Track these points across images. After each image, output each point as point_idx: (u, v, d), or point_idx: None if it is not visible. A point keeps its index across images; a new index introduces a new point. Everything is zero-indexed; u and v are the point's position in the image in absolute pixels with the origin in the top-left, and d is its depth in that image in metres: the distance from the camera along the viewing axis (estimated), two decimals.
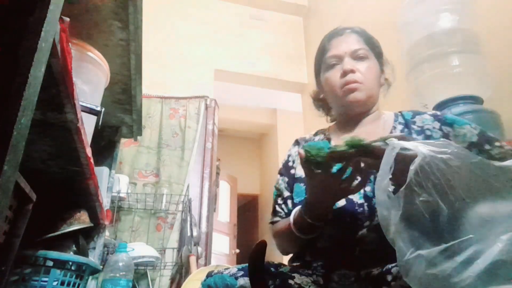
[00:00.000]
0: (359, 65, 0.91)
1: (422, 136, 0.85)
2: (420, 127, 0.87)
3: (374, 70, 0.93)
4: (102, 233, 1.42)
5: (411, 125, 0.88)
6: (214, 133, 3.02)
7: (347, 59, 0.92)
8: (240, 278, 0.75)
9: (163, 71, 3.09)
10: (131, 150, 2.69)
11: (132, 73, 1.25)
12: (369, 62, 0.93)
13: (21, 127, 0.41)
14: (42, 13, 0.45)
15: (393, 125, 0.90)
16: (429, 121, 0.87)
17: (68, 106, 0.67)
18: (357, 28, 0.98)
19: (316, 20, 3.60)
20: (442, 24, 1.51)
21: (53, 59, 0.55)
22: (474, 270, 0.45)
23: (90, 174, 0.96)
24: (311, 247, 0.85)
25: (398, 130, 0.88)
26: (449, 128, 0.84)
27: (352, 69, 0.90)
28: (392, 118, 0.93)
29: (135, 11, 1.02)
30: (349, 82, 0.89)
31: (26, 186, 0.63)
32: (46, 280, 0.94)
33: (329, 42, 0.98)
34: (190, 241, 2.35)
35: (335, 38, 0.97)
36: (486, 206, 0.50)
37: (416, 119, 0.89)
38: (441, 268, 0.47)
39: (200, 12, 3.51)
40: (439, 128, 0.85)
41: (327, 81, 0.96)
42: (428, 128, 0.86)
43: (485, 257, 0.45)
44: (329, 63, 0.95)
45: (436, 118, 0.87)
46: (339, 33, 0.97)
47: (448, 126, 0.84)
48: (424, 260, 0.48)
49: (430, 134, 0.84)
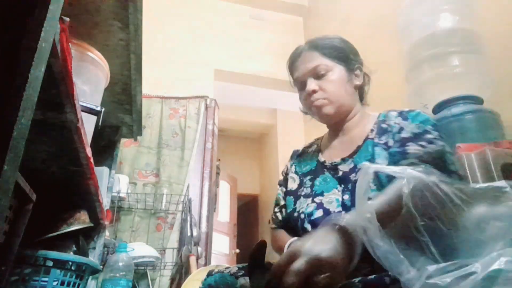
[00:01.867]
0: (322, 81, 0.94)
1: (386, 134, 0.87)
2: (387, 125, 0.89)
3: (338, 81, 0.95)
4: (102, 233, 1.42)
5: (381, 125, 0.91)
6: (214, 133, 3.02)
7: (309, 80, 0.95)
8: (241, 278, 0.75)
9: (163, 71, 3.09)
10: (131, 150, 2.69)
11: (132, 73, 1.25)
12: (332, 75, 0.94)
13: (21, 127, 0.41)
14: (42, 13, 0.45)
15: (372, 128, 0.93)
16: (394, 117, 0.90)
17: (68, 106, 0.67)
18: (315, 41, 1.00)
19: (316, 20, 3.60)
20: (442, 24, 1.51)
21: (53, 59, 0.55)
22: (472, 279, 0.45)
23: (90, 174, 0.96)
24: None
25: (374, 133, 0.90)
26: (405, 122, 0.86)
27: (313, 89, 0.93)
28: (373, 121, 0.94)
29: (135, 11, 1.02)
30: (314, 102, 0.94)
31: (26, 186, 0.63)
32: (46, 280, 0.94)
33: (292, 65, 1.02)
34: (190, 241, 2.35)
35: (295, 61, 1.01)
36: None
37: (386, 118, 0.92)
38: (440, 279, 0.47)
39: (200, 12, 3.51)
40: (398, 122, 0.87)
41: (300, 102, 1.02)
42: (390, 124, 0.88)
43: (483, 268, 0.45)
44: (297, 86, 1.01)
45: (400, 114, 0.90)
46: (298, 54, 1.00)
47: (405, 120, 0.87)
48: (428, 272, 0.49)
49: (390, 130, 0.87)
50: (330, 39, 1.00)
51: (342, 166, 0.91)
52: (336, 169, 0.91)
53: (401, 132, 0.84)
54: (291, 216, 0.93)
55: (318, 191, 0.90)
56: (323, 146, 1.03)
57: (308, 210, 0.87)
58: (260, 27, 3.67)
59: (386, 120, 0.91)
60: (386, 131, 0.88)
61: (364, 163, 0.70)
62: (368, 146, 0.89)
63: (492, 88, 1.43)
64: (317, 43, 0.99)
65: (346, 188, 0.86)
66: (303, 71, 0.96)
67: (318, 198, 0.88)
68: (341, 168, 0.90)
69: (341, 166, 0.91)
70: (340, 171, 0.90)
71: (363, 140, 0.91)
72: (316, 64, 0.95)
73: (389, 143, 0.85)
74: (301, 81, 0.98)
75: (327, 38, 1.00)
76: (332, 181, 0.90)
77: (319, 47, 0.97)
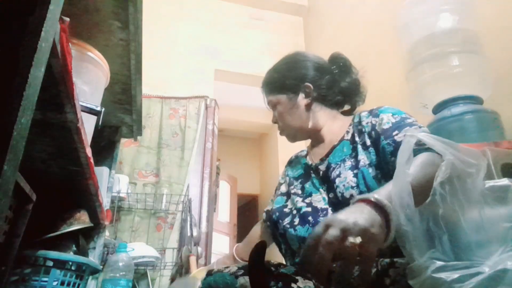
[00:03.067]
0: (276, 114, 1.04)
1: (362, 135, 0.89)
2: (362, 125, 0.91)
3: (284, 112, 1.02)
4: (102, 233, 1.42)
5: (357, 126, 0.93)
6: (214, 133, 3.02)
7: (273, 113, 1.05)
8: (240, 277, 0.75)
9: (163, 71, 3.08)
10: (131, 150, 2.69)
11: (132, 73, 1.25)
12: (279, 107, 1.02)
13: (21, 127, 0.41)
14: (42, 13, 0.45)
15: (347, 129, 0.96)
16: (365, 117, 0.92)
17: (68, 106, 0.67)
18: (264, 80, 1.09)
19: (316, 20, 3.60)
20: (442, 24, 1.51)
21: (53, 59, 0.55)
22: (478, 278, 0.45)
23: (90, 174, 0.96)
24: (284, 252, 0.92)
25: (350, 135, 0.93)
26: (376, 118, 0.87)
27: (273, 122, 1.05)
28: (348, 123, 0.97)
29: (135, 11, 1.02)
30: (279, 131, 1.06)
31: (26, 186, 0.63)
32: (46, 280, 0.93)
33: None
34: (190, 241, 2.34)
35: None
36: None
37: (360, 118, 0.94)
38: (446, 275, 0.47)
39: (200, 12, 3.51)
40: (370, 120, 0.89)
41: None
42: (363, 124, 0.90)
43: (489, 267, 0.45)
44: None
45: (371, 112, 0.92)
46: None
47: (375, 117, 0.88)
48: (434, 266, 0.48)
49: (365, 130, 0.89)
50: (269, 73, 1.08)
51: (321, 166, 0.95)
52: (318, 169, 0.96)
53: (376, 128, 0.86)
54: (278, 209, 0.97)
55: (307, 193, 0.94)
56: (309, 151, 1.08)
57: (298, 205, 0.91)
58: (260, 27, 3.67)
59: (360, 121, 0.93)
60: (362, 132, 0.90)
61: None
62: (343, 146, 0.92)
63: (492, 88, 1.43)
64: (263, 81, 1.09)
65: (329, 186, 0.89)
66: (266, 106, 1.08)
67: (308, 198, 0.92)
68: (321, 168, 0.95)
69: (321, 166, 0.95)
70: (320, 171, 0.94)
71: (339, 141, 0.95)
72: (267, 101, 1.07)
73: (366, 142, 0.87)
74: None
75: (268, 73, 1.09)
76: (317, 182, 0.94)
77: (263, 86, 1.08)
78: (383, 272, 0.69)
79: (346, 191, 0.81)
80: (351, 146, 0.90)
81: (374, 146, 0.85)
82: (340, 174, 0.86)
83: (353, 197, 0.77)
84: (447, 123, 1.33)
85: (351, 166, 0.85)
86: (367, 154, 0.85)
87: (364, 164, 0.83)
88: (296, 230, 0.86)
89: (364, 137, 0.88)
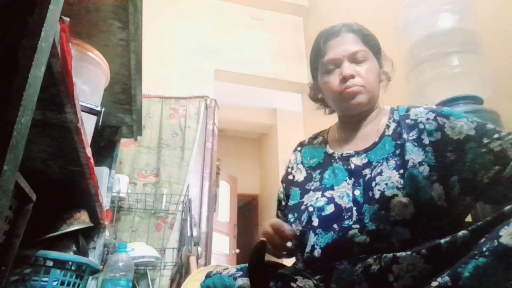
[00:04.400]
0: (359, 68, 0.89)
1: (416, 130, 0.82)
2: (413, 120, 0.84)
3: (374, 71, 0.90)
4: (102, 233, 1.42)
5: (404, 120, 0.86)
6: (214, 133, 3.02)
7: (346, 63, 0.89)
8: (239, 279, 0.75)
9: (163, 71, 3.08)
10: (131, 150, 2.69)
11: (132, 73, 1.25)
12: (368, 63, 0.90)
13: (21, 127, 0.41)
14: (42, 13, 0.45)
15: (387, 123, 0.89)
16: (423, 113, 0.84)
17: (68, 106, 0.67)
18: (355, 26, 0.94)
19: (316, 20, 3.60)
20: (442, 24, 1.51)
21: (53, 59, 0.55)
22: None
23: (90, 174, 0.96)
24: (305, 257, 0.82)
25: (391, 129, 0.87)
26: (444, 120, 0.80)
27: (352, 74, 0.87)
28: (387, 116, 0.91)
29: (135, 11, 1.02)
30: (350, 87, 0.87)
31: (26, 186, 0.63)
32: (46, 280, 0.94)
33: (325, 44, 0.93)
34: (190, 241, 2.34)
35: (331, 40, 0.93)
36: None
37: (410, 113, 0.87)
38: None
39: (200, 12, 3.51)
40: (434, 119, 0.81)
41: (326, 86, 0.93)
42: (421, 120, 0.83)
43: None
44: (327, 67, 0.92)
45: (431, 110, 0.84)
46: (335, 34, 0.93)
47: (444, 118, 0.81)
48: None
49: (424, 127, 0.81)
50: (365, 28, 0.95)
51: (355, 159, 0.86)
52: (348, 160, 0.87)
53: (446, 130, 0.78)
54: (295, 208, 0.89)
55: (328, 185, 0.86)
56: (331, 138, 0.99)
57: (319, 204, 0.82)
58: (260, 27, 3.67)
59: (409, 115, 0.86)
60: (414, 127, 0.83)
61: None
62: (385, 143, 0.85)
63: (492, 88, 1.43)
64: (358, 27, 0.94)
65: (357, 182, 0.82)
66: (341, 52, 0.89)
67: (328, 192, 0.84)
68: (354, 160, 0.86)
69: (354, 159, 0.87)
70: (352, 164, 0.86)
71: (380, 137, 0.87)
72: (358, 49, 0.89)
73: (424, 141, 0.79)
74: (334, 63, 0.90)
75: (363, 27, 0.95)
76: (342, 173, 0.86)
77: (359, 32, 0.92)
78: (386, 269, 0.68)
79: (388, 190, 0.74)
80: (394, 143, 0.83)
81: (434, 146, 0.78)
82: (382, 172, 0.79)
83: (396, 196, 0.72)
84: None
85: (395, 166, 0.78)
86: (421, 152, 0.78)
87: (414, 165, 0.76)
88: (318, 235, 0.79)
89: (419, 134, 0.81)
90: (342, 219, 0.77)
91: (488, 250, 0.54)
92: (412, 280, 0.65)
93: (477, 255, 0.55)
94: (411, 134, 0.82)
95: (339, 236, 0.75)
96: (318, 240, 0.78)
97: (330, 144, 0.97)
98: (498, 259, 0.53)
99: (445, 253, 0.63)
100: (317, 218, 0.80)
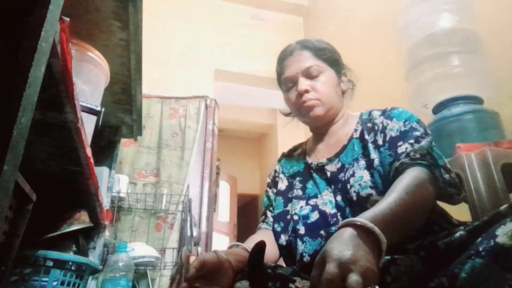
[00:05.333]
0: (314, 82, 0.93)
1: (373, 132, 0.87)
2: (372, 123, 0.90)
3: (329, 83, 0.94)
4: (102, 233, 1.42)
5: (366, 124, 0.91)
6: (214, 133, 3.02)
7: (301, 79, 0.93)
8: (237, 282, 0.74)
9: (163, 71, 3.08)
10: (131, 150, 2.69)
11: (132, 73, 1.25)
12: (323, 76, 0.94)
13: (21, 127, 0.41)
14: (42, 13, 0.45)
15: (355, 127, 0.93)
16: (377, 115, 0.90)
17: (68, 106, 0.67)
18: (307, 42, 0.98)
19: (316, 20, 3.60)
20: (442, 24, 1.51)
21: (53, 59, 0.55)
22: None
23: (90, 174, 0.96)
24: (296, 266, 0.84)
25: (358, 132, 0.91)
26: (388, 121, 0.86)
27: (306, 89, 0.92)
28: (356, 121, 0.95)
29: (135, 11, 1.02)
30: (306, 101, 0.92)
31: (26, 186, 0.63)
32: (46, 280, 0.94)
33: (281, 64, 1.00)
34: (190, 241, 2.34)
35: (286, 59, 0.98)
36: None
37: (371, 116, 0.92)
38: None
39: (200, 12, 3.51)
40: (381, 121, 0.87)
41: (288, 102, 1.00)
42: (376, 123, 0.88)
43: None
44: (286, 85, 0.97)
45: (383, 112, 0.90)
46: (289, 53, 0.99)
47: (388, 119, 0.86)
48: None
49: (377, 128, 0.87)
50: (318, 41, 0.99)
51: (329, 166, 0.91)
52: (323, 170, 0.92)
53: (386, 131, 0.85)
54: (280, 217, 0.93)
55: (312, 194, 0.90)
56: (308, 150, 1.04)
57: (303, 212, 0.86)
58: (260, 27, 3.67)
59: (371, 119, 0.91)
60: (373, 130, 0.88)
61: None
62: (354, 145, 0.89)
63: (492, 88, 1.43)
64: (310, 43, 0.98)
65: (336, 188, 0.86)
66: (295, 70, 0.95)
67: (312, 200, 0.88)
68: (328, 168, 0.91)
69: (328, 167, 0.91)
70: (328, 172, 0.90)
71: (348, 140, 0.92)
72: (310, 65, 0.94)
73: (378, 141, 0.85)
74: (291, 80, 0.96)
75: (317, 40, 1.00)
76: (322, 183, 0.90)
77: (311, 48, 0.97)
78: (384, 270, 0.68)
79: (362, 190, 0.78)
80: (361, 144, 0.88)
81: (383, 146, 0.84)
82: (354, 173, 0.83)
83: (372, 196, 0.76)
84: (447, 123, 1.33)
85: (365, 166, 0.83)
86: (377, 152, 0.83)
87: (378, 164, 0.81)
88: (305, 243, 0.82)
89: (375, 136, 0.86)
90: (329, 225, 0.81)
91: (484, 250, 0.54)
92: (409, 281, 0.65)
93: (473, 255, 0.55)
94: (370, 136, 0.87)
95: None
96: (306, 248, 0.81)
97: (308, 154, 1.02)
98: (494, 259, 0.52)
99: (443, 254, 0.63)
100: (303, 226, 0.84)
